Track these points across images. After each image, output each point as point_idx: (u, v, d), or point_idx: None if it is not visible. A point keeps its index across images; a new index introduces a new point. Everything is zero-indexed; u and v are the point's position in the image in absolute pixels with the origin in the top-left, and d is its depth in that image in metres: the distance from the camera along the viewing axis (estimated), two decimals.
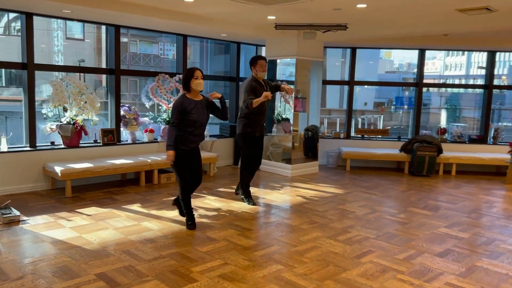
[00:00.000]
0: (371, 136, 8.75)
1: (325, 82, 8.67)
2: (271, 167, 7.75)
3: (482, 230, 4.79)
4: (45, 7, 5.34)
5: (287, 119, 7.69)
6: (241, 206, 5.40)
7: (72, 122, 5.99)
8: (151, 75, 7.36)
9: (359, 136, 8.81)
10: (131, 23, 6.54)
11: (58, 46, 17.32)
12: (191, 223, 4.51)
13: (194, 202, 5.46)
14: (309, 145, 7.98)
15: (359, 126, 10.81)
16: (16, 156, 5.64)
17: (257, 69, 5.26)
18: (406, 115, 10.28)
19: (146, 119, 7.11)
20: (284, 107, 7.79)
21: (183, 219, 4.75)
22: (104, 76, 7.83)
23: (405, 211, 5.45)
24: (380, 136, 8.73)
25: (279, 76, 7.79)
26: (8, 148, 5.65)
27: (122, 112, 6.71)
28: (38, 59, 5.77)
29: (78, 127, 6.03)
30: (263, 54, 7.97)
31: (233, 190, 6.16)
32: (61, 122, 5.99)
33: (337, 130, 9.19)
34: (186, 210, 4.56)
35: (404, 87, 11.00)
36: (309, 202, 5.74)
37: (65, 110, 5.93)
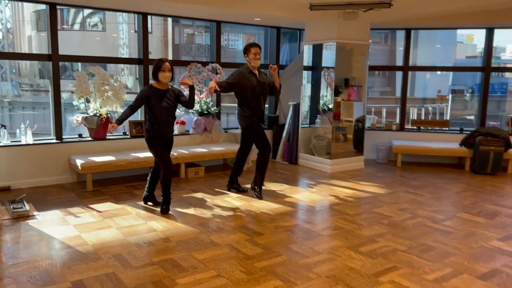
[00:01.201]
0: (428, 128, 7.80)
1: (373, 68, 7.84)
2: (310, 162, 7.16)
3: None
4: None
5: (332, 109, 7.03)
6: (261, 206, 4.93)
7: (97, 114, 5.87)
8: (185, 64, 7.06)
9: (414, 128, 7.90)
10: (159, 11, 6.27)
11: (124, 39, 17.85)
12: (165, 207, 4.60)
13: (214, 200, 5.10)
14: (358, 138, 7.27)
15: (423, 116, 9.82)
16: (42, 149, 5.63)
17: (250, 57, 5.01)
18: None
19: (177, 110, 6.83)
20: (331, 97, 7.09)
21: (194, 219, 4.40)
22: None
23: (453, 217, 4.65)
24: (438, 128, 7.76)
25: (325, 62, 7.11)
26: (34, 140, 5.65)
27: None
28: (101, 52, 5.75)
29: (104, 119, 5.90)
30: (305, 38, 7.34)
31: (263, 187, 5.71)
32: (87, 114, 5.89)
33: (383, 120, 8.34)
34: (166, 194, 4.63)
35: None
36: (341, 203, 5.12)
37: (87, 101, 5.80)
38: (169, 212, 4.60)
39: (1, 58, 12.33)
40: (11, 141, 5.52)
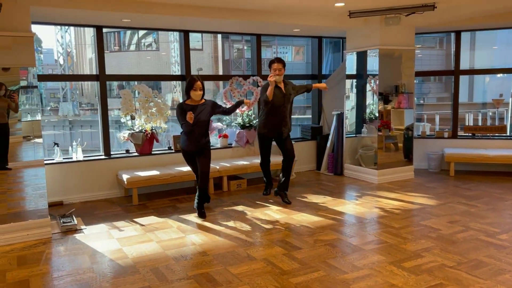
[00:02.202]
0: (483, 135, 7.33)
1: (420, 74, 7.51)
2: (356, 173, 6.95)
3: None
4: (108, 19, 5.45)
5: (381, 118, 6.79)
6: (301, 219, 4.83)
7: (142, 130, 6.05)
8: (228, 78, 7.14)
9: (468, 134, 7.45)
10: (199, 27, 6.41)
11: (175, 57, 18.50)
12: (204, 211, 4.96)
13: (255, 213, 5.07)
14: (408, 147, 6.97)
15: (480, 122, 9.27)
16: (91, 165, 5.88)
17: (272, 72, 5.33)
18: None
19: (219, 124, 6.92)
20: (376, 105, 6.84)
21: (232, 232, 4.39)
22: (220, 83, 7.94)
23: (509, 231, 4.30)
24: (495, 134, 7.27)
25: (369, 70, 6.90)
26: (84, 157, 5.92)
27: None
28: (155, 70, 6.04)
29: (149, 135, 6.07)
30: (346, 47, 7.19)
31: (305, 199, 5.62)
32: (133, 130, 6.10)
33: (437, 128, 7.94)
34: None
35: None
36: (387, 215, 4.90)
37: (132, 118, 6.01)
38: (210, 226, 4.61)
39: (56, 80, 13.14)
40: (63, 158, 5.82)
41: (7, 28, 4.12)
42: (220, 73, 19.23)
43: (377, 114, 6.72)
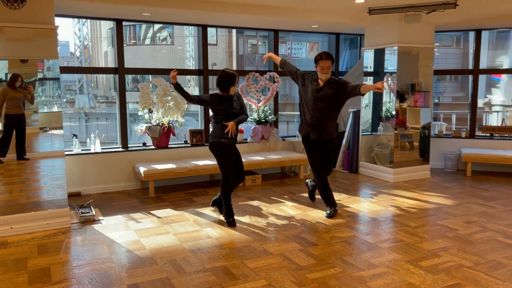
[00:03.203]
0: (502, 135, 7.24)
1: (439, 72, 7.43)
2: (372, 171, 6.92)
3: None
4: (128, 12, 5.49)
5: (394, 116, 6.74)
6: (317, 216, 4.83)
7: (159, 123, 6.10)
8: (244, 74, 7.15)
9: (486, 134, 7.37)
10: (218, 22, 6.42)
11: (190, 52, 18.56)
12: (231, 219, 4.49)
13: (270, 208, 5.09)
14: (424, 146, 6.92)
15: (498, 122, 9.16)
16: (109, 157, 5.95)
17: (318, 70, 4.58)
18: None
19: None
20: (393, 103, 6.80)
21: (248, 227, 4.41)
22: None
23: None
24: None
25: (387, 67, 6.86)
26: (102, 149, 5.99)
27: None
28: (170, 64, 6.07)
29: (166, 128, 6.12)
30: (364, 44, 7.14)
31: (319, 196, 5.62)
32: (150, 123, 6.15)
33: (453, 127, 7.86)
34: (225, 206, 4.52)
35: None
36: (403, 214, 4.88)
37: (150, 111, 6.06)
38: (225, 220, 4.65)
39: (75, 73, 13.29)
40: (82, 150, 5.90)
41: (30, 20, 4.18)
42: (234, 68, 19.28)
43: (393, 112, 6.68)
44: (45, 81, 4.42)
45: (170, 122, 6.16)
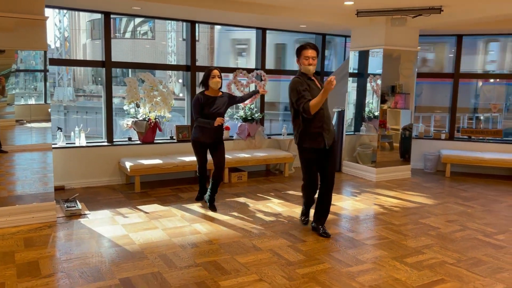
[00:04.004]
0: (479, 138, 7.48)
1: (422, 75, 7.62)
2: (355, 170, 7.06)
3: None
4: (118, 6, 5.44)
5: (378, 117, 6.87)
6: None
7: (146, 119, 6.07)
8: (232, 71, 7.17)
9: (465, 137, 7.60)
10: (206, 19, 6.43)
11: (172, 47, 18.39)
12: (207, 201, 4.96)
13: (257, 205, 5.14)
14: (405, 147, 7.09)
15: (474, 125, 9.41)
16: (94, 151, 5.89)
17: (302, 62, 4.01)
18: None
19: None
20: (377, 104, 6.92)
21: (237, 223, 4.46)
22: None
23: (506, 231, 4.43)
24: (491, 138, 7.42)
25: (371, 69, 6.98)
26: (87, 142, 5.92)
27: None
28: (151, 59, 5.99)
29: (152, 124, 6.09)
30: (351, 45, 7.26)
31: None
32: (136, 118, 6.11)
33: (432, 129, 8.06)
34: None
35: None
36: (386, 213, 5.01)
37: (137, 106, 6.02)
38: (214, 216, 4.67)
39: (60, 65, 13.02)
40: (66, 143, 5.82)
41: (20, 10, 4.10)
42: (215, 64, 19.23)
43: (375, 113, 6.82)
44: (31, 72, 4.34)
45: (156, 117, 6.13)
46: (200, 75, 6.68)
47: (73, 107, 14.94)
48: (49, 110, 4.47)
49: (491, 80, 8.13)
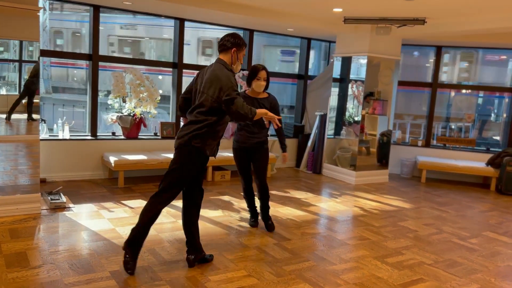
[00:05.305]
0: (454, 146, 7.79)
1: (403, 84, 7.87)
2: (335, 173, 7.23)
3: None
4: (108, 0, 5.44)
5: (358, 122, 7.07)
6: (286, 212, 5.03)
7: (131, 114, 6.06)
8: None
9: (440, 144, 7.90)
10: (195, 17, 6.47)
11: (151, 43, 18.24)
12: (254, 220, 4.50)
13: (241, 204, 5.21)
14: (383, 152, 7.31)
15: (447, 134, 9.75)
16: (77, 144, 5.84)
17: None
18: None
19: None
20: (357, 109, 7.11)
21: (223, 220, 4.53)
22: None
23: (478, 235, 4.67)
24: (464, 146, 7.74)
25: (353, 75, 7.16)
26: (71, 136, 5.87)
27: None
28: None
29: (137, 119, 6.09)
30: (335, 51, 7.43)
31: (288, 194, 5.82)
32: (121, 113, 6.09)
33: (408, 136, 8.34)
34: (248, 207, 4.54)
35: None
36: (366, 215, 5.18)
37: (124, 101, 6.01)
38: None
39: (45, 56, 12.75)
40: (49, 135, 5.75)
41: None
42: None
43: (355, 118, 7.02)
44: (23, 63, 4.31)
45: (142, 113, 6.13)
46: (187, 72, 6.74)
47: (50, 99, 14.63)
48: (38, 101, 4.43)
49: (463, 91, 8.48)
